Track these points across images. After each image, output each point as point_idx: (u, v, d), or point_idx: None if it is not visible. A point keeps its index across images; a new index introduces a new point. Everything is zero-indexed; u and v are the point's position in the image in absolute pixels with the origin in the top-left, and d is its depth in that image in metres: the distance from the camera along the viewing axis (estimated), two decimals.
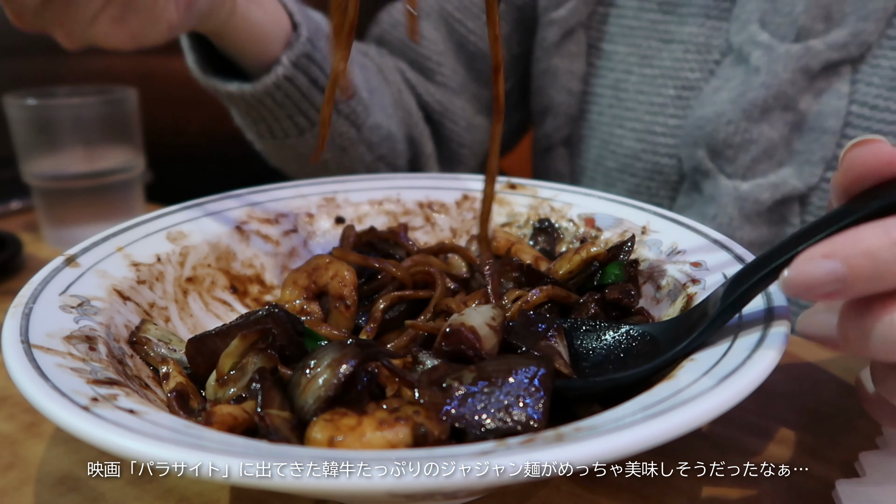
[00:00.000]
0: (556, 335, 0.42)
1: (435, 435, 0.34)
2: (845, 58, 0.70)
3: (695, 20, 0.78)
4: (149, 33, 0.53)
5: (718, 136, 0.74)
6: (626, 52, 0.84)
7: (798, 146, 0.73)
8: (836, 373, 0.54)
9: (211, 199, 0.60)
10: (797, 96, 0.71)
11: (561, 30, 0.87)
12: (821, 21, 0.70)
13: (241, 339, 0.41)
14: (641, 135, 0.82)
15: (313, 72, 0.74)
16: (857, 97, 0.70)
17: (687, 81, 0.79)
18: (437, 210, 0.65)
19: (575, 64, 0.88)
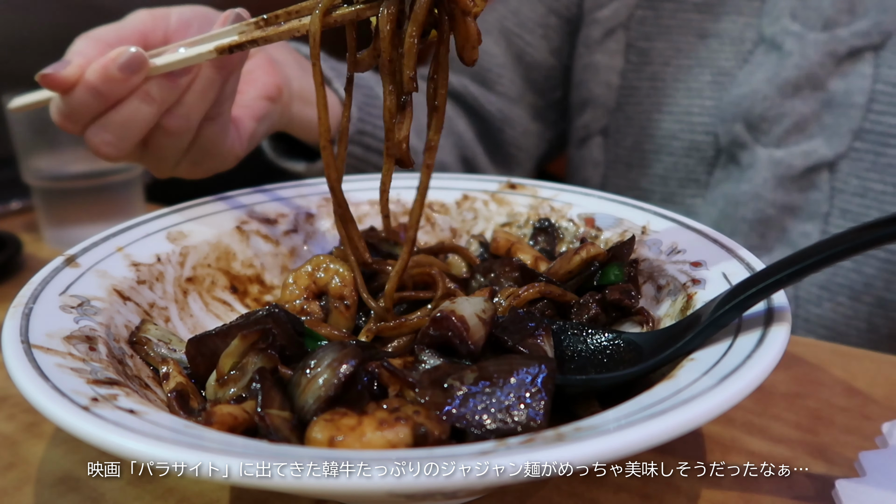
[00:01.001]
0: (543, 334, 0.42)
1: (435, 435, 0.34)
2: (868, 44, 0.78)
3: (728, 17, 0.86)
4: (221, 166, 0.62)
5: (755, 110, 0.82)
6: (662, 48, 0.91)
7: (827, 120, 0.80)
8: (836, 373, 0.54)
9: (211, 199, 0.60)
10: (826, 78, 0.80)
11: (603, 28, 0.95)
12: (846, 13, 0.79)
13: (242, 339, 0.41)
14: (679, 116, 0.90)
15: (366, 141, 0.84)
16: (881, 77, 0.78)
17: (722, 69, 0.87)
18: (437, 210, 0.65)
19: (614, 60, 0.95)
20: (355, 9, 0.46)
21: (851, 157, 0.79)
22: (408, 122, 0.48)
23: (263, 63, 0.67)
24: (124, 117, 0.53)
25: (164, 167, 0.60)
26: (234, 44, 0.50)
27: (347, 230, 0.53)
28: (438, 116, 0.49)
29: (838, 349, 0.59)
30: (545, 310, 0.49)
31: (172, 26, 0.60)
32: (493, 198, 0.64)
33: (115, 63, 0.51)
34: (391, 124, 0.48)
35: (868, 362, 0.56)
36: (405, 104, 0.48)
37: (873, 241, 0.35)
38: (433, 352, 0.41)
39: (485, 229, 0.63)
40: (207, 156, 0.60)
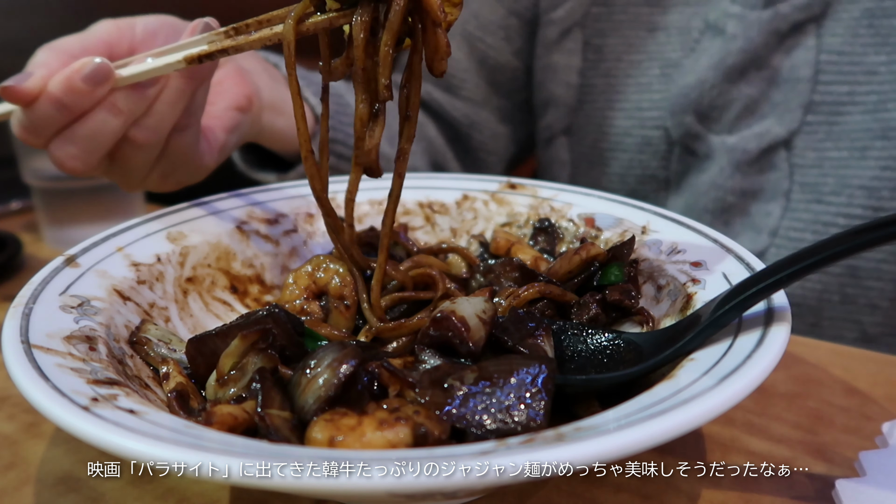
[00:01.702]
0: (543, 335, 0.42)
1: (435, 435, 0.34)
2: (810, 17, 0.78)
3: (676, 9, 0.86)
4: (191, 178, 0.61)
5: (703, 100, 0.82)
6: (615, 44, 0.91)
7: (776, 98, 0.80)
8: (836, 373, 0.54)
9: (211, 199, 0.60)
10: (770, 56, 0.80)
11: (560, 28, 0.94)
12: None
13: (242, 339, 0.41)
14: (631, 112, 0.90)
15: (337, 149, 0.83)
16: (825, 47, 0.78)
17: (669, 60, 0.87)
18: (437, 210, 0.65)
19: (572, 59, 0.94)
20: (328, 17, 0.46)
21: (805, 131, 0.79)
22: (379, 130, 0.48)
23: (233, 73, 0.66)
24: (90, 130, 0.52)
25: (133, 180, 0.58)
26: (204, 53, 0.49)
27: (339, 239, 0.53)
28: (410, 125, 0.49)
29: (838, 349, 0.59)
30: (545, 310, 0.49)
31: (138, 37, 0.59)
32: (493, 198, 0.64)
33: (80, 74, 0.50)
34: (362, 132, 0.48)
35: (868, 362, 0.56)
36: (378, 113, 0.47)
37: (873, 242, 0.35)
38: (433, 352, 0.42)
39: (485, 229, 0.63)
40: (177, 168, 0.59)
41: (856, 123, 0.77)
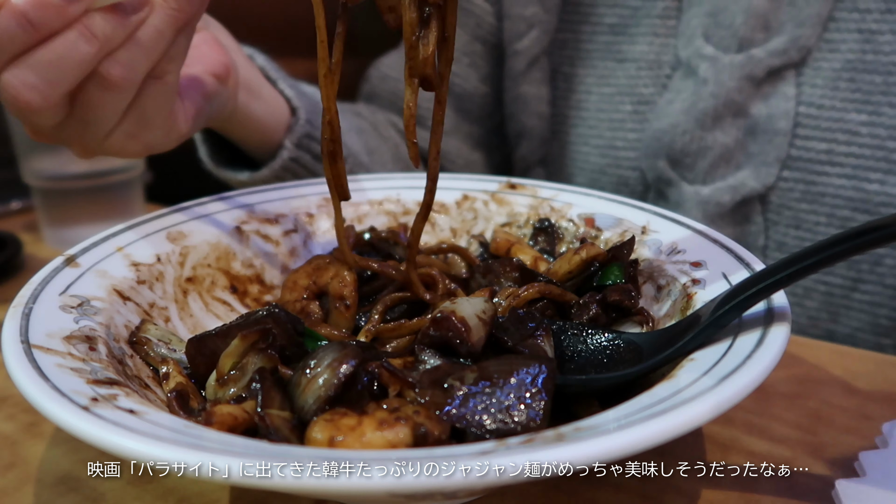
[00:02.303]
0: (543, 335, 0.42)
1: (435, 435, 0.34)
2: (787, 63, 0.74)
3: (644, 39, 0.83)
4: (161, 143, 0.54)
5: (675, 146, 0.79)
6: (584, 74, 0.88)
7: (753, 149, 0.77)
8: (836, 373, 0.54)
9: (211, 199, 0.60)
10: (746, 102, 0.76)
11: (526, 59, 0.91)
12: (760, 31, 0.75)
13: (242, 339, 0.41)
14: (604, 150, 0.87)
15: (315, 147, 0.77)
16: (804, 98, 0.74)
17: (642, 97, 0.84)
18: (437, 210, 0.65)
19: (542, 89, 0.92)
20: None
21: (781, 187, 0.76)
22: (433, 37, 0.44)
23: (210, 40, 0.60)
24: (56, 55, 0.44)
25: (94, 135, 0.50)
26: None
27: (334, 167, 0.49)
28: (449, 47, 0.46)
29: (838, 349, 0.59)
30: (545, 310, 0.49)
31: None
32: (493, 198, 0.64)
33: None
34: (414, 41, 0.44)
35: (868, 362, 0.56)
36: (429, 18, 0.44)
37: (872, 242, 0.35)
38: (433, 352, 0.42)
39: (485, 229, 0.63)
40: (147, 125, 0.51)
41: (835, 188, 0.73)
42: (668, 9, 0.82)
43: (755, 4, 0.74)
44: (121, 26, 0.45)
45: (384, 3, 0.45)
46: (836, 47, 0.73)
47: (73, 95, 0.47)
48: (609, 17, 0.86)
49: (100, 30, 0.44)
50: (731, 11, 0.76)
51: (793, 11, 0.73)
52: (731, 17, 0.76)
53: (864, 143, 0.72)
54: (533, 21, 0.90)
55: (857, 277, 0.74)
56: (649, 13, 0.83)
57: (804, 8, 0.72)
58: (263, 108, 0.71)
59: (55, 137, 0.51)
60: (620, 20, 0.85)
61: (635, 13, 0.84)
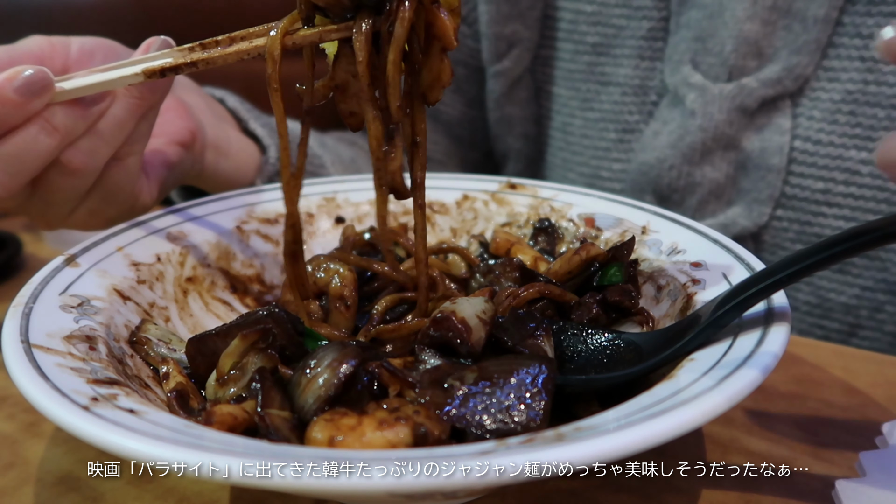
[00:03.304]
0: (543, 335, 0.42)
1: (435, 435, 0.34)
2: (782, 93, 0.69)
3: (629, 61, 0.78)
4: (125, 217, 0.54)
5: (662, 181, 0.75)
6: (568, 96, 0.84)
7: (745, 185, 0.72)
8: (836, 373, 0.54)
9: (211, 199, 0.60)
10: (738, 135, 0.71)
11: (508, 80, 0.87)
12: (752, 58, 0.69)
13: (242, 338, 0.41)
14: (590, 179, 0.84)
15: None
16: (800, 132, 0.69)
17: (627, 124, 0.79)
18: (437, 210, 0.65)
19: (527, 109, 0.88)
20: (318, 30, 0.42)
21: (774, 226, 0.71)
22: (399, 152, 0.45)
23: (174, 106, 0.60)
24: (17, 149, 0.44)
25: (56, 214, 0.51)
26: (168, 66, 0.44)
27: (295, 267, 0.50)
28: (420, 151, 0.46)
29: (838, 349, 0.59)
30: (545, 310, 0.49)
31: (73, 56, 0.51)
32: (493, 198, 0.64)
33: (11, 83, 0.42)
34: (380, 153, 0.45)
35: (868, 362, 0.56)
36: (393, 134, 0.44)
37: (872, 242, 0.35)
38: (433, 352, 0.42)
39: (485, 229, 0.63)
40: (110, 203, 0.52)
41: (832, 230, 0.69)
42: (654, 30, 0.77)
43: (746, 29, 0.69)
44: (82, 118, 0.45)
45: (345, 107, 0.45)
46: (836, 76, 0.67)
47: (35, 182, 0.48)
48: (591, 35, 0.80)
49: (61, 122, 0.45)
50: (719, 37, 0.70)
51: (788, 37, 0.68)
52: (720, 43, 0.70)
53: (865, 182, 0.67)
54: (513, 39, 0.85)
55: (856, 323, 0.72)
56: (634, 34, 0.78)
57: (801, 34, 0.67)
58: (231, 166, 0.69)
59: (19, 212, 0.51)
60: (603, 39, 0.80)
61: (619, 33, 0.79)
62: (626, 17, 0.78)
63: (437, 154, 0.94)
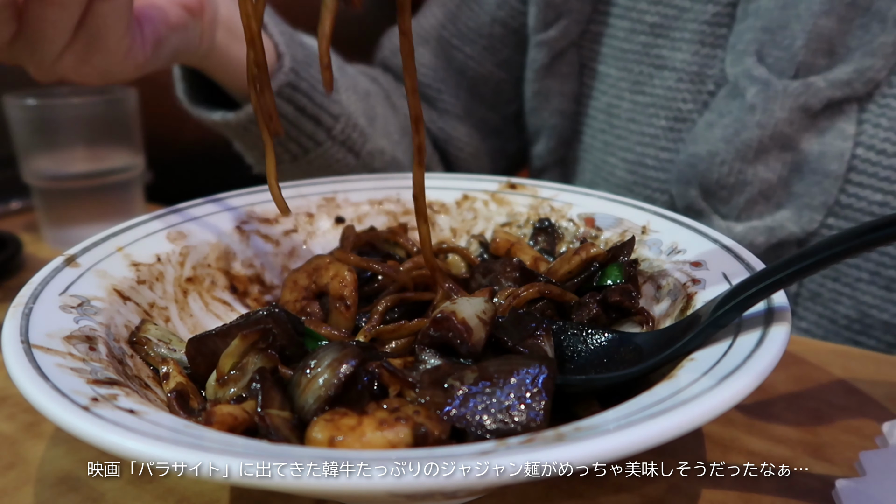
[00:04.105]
0: (543, 335, 0.42)
1: (435, 435, 0.34)
2: (850, 96, 0.65)
3: (688, 46, 0.74)
4: (116, 71, 0.53)
5: (711, 176, 0.71)
6: (617, 77, 0.80)
7: (798, 188, 0.69)
8: (836, 373, 0.54)
9: (211, 199, 0.60)
10: (797, 135, 0.67)
11: (552, 51, 0.84)
12: (823, 56, 0.65)
13: (242, 339, 0.41)
14: (633, 166, 0.80)
15: (299, 100, 0.73)
16: (864, 139, 0.65)
17: (679, 113, 0.75)
18: (437, 210, 0.65)
19: (567, 85, 0.85)
20: None
21: (823, 234, 0.67)
22: None
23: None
24: None
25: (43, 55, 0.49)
26: None
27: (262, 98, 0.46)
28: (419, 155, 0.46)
29: (838, 349, 0.59)
30: (545, 310, 0.49)
31: None
32: (493, 198, 0.64)
33: None
34: None
35: (868, 362, 0.56)
36: None
37: (875, 242, 0.35)
38: (433, 352, 0.42)
39: (485, 229, 0.63)
40: (98, 48, 0.50)
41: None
42: (720, 15, 0.72)
43: (820, 24, 0.64)
44: None
45: None
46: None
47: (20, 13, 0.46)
48: (651, 14, 0.76)
49: None
50: (791, 30, 0.66)
51: (864, 37, 0.64)
52: (790, 36, 0.66)
53: None
54: (562, 9, 0.81)
55: (895, 343, 0.70)
56: (697, 17, 0.73)
57: (878, 34, 0.63)
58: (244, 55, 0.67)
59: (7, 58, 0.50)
60: (663, 20, 0.75)
61: (681, 15, 0.74)
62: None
63: (455, 108, 0.92)
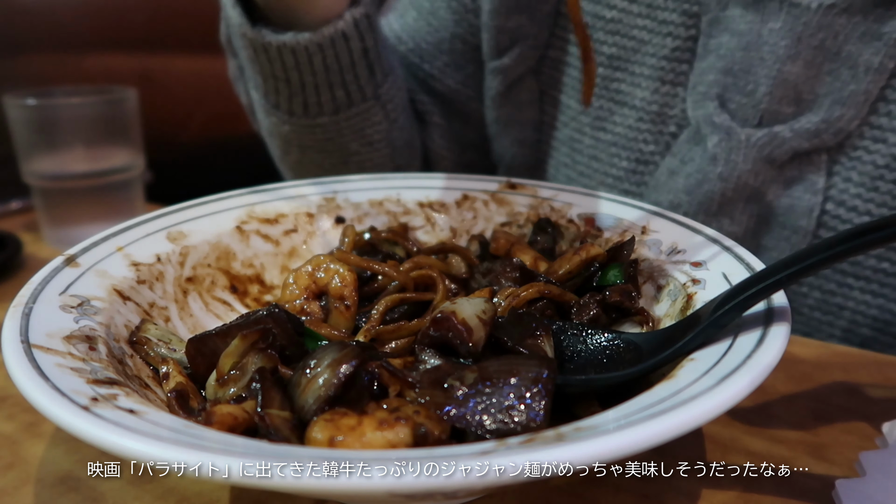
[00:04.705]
0: (543, 335, 0.42)
1: (435, 435, 0.34)
2: (818, 147, 0.61)
3: (648, 83, 0.70)
4: None
5: None
6: (578, 109, 0.76)
7: (766, 242, 0.66)
8: (836, 373, 0.54)
9: (211, 199, 0.60)
10: (763, 187, 0.64)
11: (507, 79, 0.79)
12: (789, 104, 0.61)
13: (242, 338, 0.41)
14: None
15: (368, 39, 0.70)
16: (834, 194, 0.61)
17: (641, 154, 0.72)
18: (437, 210, 0.65)
19: (527, 113, 0.80)
20: None
21: (794, 290, 0.65)
22: None
23: None
24: None
25: None
26: None
27: None
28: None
29: (838, 349, 0.59)
30: (545, 310, 0.49)
31: None
32: (493, 198, 0.64)
33: None
34: None
35: (868, 362, 0.56)
36: None
37: (875, 242, 0.35)
38: (433, 352, 0.42)
39: (485, 229, 0.63)
40: None
41: (856, 303, 0.64)
42: (679, 50, 0.67)
43: (786, 70, 0.60)
44: None
45: None
46: (883, 136, 0.59)
47: None
48: (608, 45, 0.71)
49: None
50: (755, 74, 0.62)
51: (834, 84, 0.59)
52: (754, 81, 0.62)
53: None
54: (517, 35, 0.76)
55: None
56: (656, 52, 0.68)
57: (849, 82, 0.59)
58: None
59: None
60: (621, 52, 0.71)
61: (640, 48, 0.69)
62: (648, 30, 0.69)
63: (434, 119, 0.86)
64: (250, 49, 0.70)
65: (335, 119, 0.76)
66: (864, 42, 0.58)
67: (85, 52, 1.23)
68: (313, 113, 0.75)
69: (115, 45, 1.24)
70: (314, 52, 0.69)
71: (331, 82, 0.72)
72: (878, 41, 0.58)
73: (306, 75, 0.71)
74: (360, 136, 0.78)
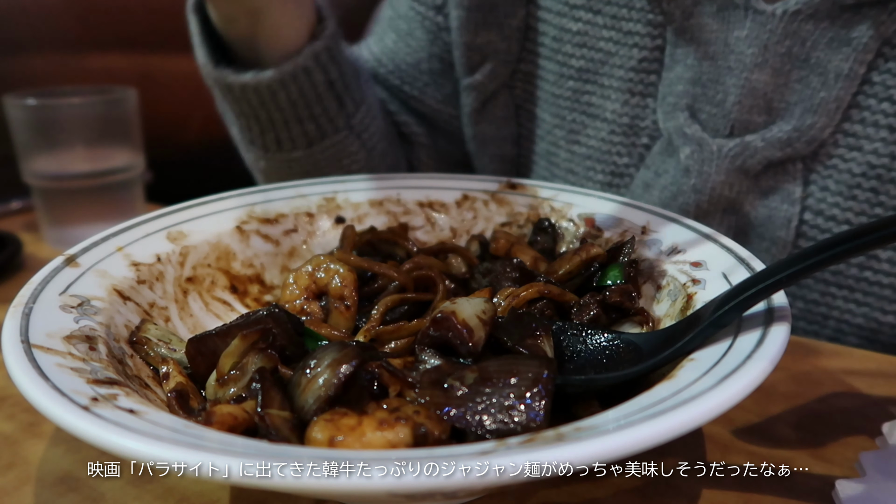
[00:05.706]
0: (543, 335, 0.42)
1: (435, 435, 0.34)
2: (792, 156, 0.60)
3: (617, 95, 0.69)
4: None
5: None
6: (552, 123, 0.75)
7: None
8: (836, 373, 0.54)
9: (211, 199, 0.60)
10: (739, 198, 0.63)
11: (481, 95, 0.78)
12: (759, 112, 0.60)
13: (242, 338, 0.41)
14: None
15: (332, 72, 0.70)
16: (811, 203, 0.60)
17: (616, 167, 0.71)
18: (437, 210, 0.65)
19: (504, 129, 0.79)
20: None
21: None
22: None
23: None
24: None
25: None
26: None
27: None
28: None
29: (838, 349, 0.59)
30: (545, 310, 0.49)
31: None
32: (493, 198, 0.64)
33: None
34: None
35: (868, 362, 0.56)
36: None
37: (875, 242, 0.35)
38: (433, 352, 0.42)
39: (485, 229, 0.63)
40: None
41: (840, 313, 0.63)
42: (647, 61, 0.67)
43: (754, 79, 0.59)
44: None
45: None
46: (858, 144, 0.58)
47: None
48: (576, 59, 0.70)
49: None
50: (722, 84, 0.61)
51: (804, 92, 0.59)
52: (723, 91, 0.61)
53: (882, 269, 0.60)
54: (487, 51, 0.75)
55: None
56: (624, 63, 0.68)
57: (819, 89, 0.58)
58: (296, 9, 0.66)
59: None
60: (590, 65, 0.70)
61: (607, 60, 0.69)
62: (614, 41, 0.68)
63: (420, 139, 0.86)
64: (216, 88, 0.72)
65: (309, 153, 0.76)
66: (832, 48, 0.57)
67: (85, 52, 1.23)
68: (287, 148, 0.76)
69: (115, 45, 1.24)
70: (277, 90, 0.70)
71: (299, 117, 0.72)
72: (847, 47, 0.57)
73: (273, 112, 0.72)
74: (338, 167, 0.78)
